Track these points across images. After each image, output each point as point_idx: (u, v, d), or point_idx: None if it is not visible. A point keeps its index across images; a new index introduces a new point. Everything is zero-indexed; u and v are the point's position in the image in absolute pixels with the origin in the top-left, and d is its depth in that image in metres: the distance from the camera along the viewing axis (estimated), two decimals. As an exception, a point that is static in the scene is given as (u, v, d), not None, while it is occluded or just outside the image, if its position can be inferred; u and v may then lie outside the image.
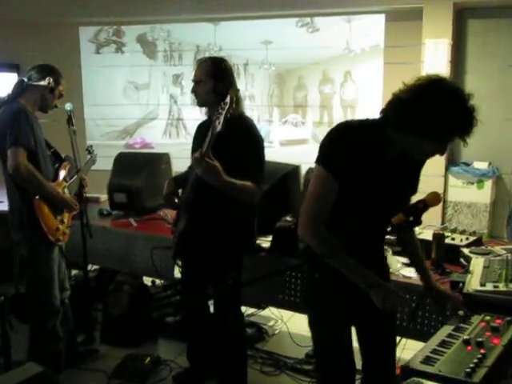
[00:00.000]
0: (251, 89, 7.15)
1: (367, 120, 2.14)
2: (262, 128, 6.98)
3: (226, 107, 2.62)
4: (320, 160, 2.09)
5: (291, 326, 4.13)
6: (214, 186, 2.79)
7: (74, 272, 4.69)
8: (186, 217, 3.10)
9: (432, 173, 2.26)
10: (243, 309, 3.59)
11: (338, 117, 6.69)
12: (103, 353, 3.97)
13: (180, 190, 3.31)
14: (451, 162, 6.60)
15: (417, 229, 3.29)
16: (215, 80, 3.03)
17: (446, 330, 2.20)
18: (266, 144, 3.16)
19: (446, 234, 3.29)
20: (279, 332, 4.29)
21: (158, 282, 4.69)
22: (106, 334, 4.12)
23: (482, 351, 1.97)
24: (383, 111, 2.03)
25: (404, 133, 1.95)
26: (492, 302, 2.35)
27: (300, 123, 6.98)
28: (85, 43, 7.72)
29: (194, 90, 3.13)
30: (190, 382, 3.54)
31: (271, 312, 4.30)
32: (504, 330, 2.11)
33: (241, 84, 7.14)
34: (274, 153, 6.23)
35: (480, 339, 2.03)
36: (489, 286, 2.48)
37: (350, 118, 6.60)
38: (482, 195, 6.40)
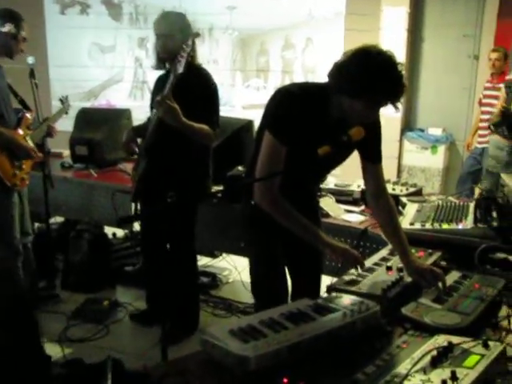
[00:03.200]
0: (215, 53, 7.26)
1: (311, 83, 2.32)
2: (225, 92, 7.12)
3: (189, 49, 2.81)
4: (268, 126, 2.23)
5: (245, 275, 4.31)
6: (173, 129, 3.03)
7: (36, 225, 4.79)
8: (146, 160, 3.28)
9: (387, 138, 2.41)
10: (198, 258, 3.77)
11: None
12: (63, 298, 4.13)
13: (139, 140, 3.47)
14: (407, 128, 6.82)
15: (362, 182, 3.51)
16: (182, 34, 3.18)
17: (373, 259, 2.42)
18: (228, 108, 3.38)
19: (389, 185, 3.50)
20: (233, 281, 4.49)
21: (119, 233, 4.85)
22: (66, 280, 4.27)
23: (401, 274, 2.20)
24: (328, 76, 2.18)
25: (340, 94, 2.11)
26: (419, 239, 2.58)
27: (262, 87, 7.13)
28: (49, 3, 7.73)
29: (160, 45, 3.24)
30: (146, 322, 3.73)
31: (226, 261, 4.50)
32: (424, 260, 2.34)
33: (205, 49, 7.23)
34: (236, 116, 6.35)
35: (401, 265, 2.25)
36: (417, 225, 2.71)
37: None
38: (436, 160, 6.66)
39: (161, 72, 3.44)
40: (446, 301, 1.98)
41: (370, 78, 2.01)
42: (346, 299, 1.89)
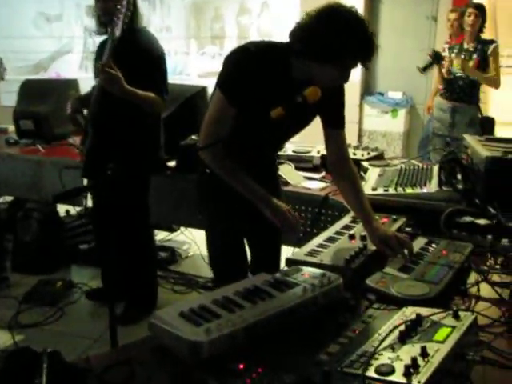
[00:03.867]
0: (167, 20, 7.01)
1: (271, 42, 2.13)
2: (180, 60, 6.91)
3: (123, 10, 2.61)
4: (220, 84, 2.08)
5: (205, 249, 4.15)
6: (117, 98, 2.84)
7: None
8: (92, 132, 3.08)
9: (347, 102, 2.27)
10: (155, 232, 3.63)
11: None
12: (14, 281, 3.94)
13: (86, 111, 3.26)
14: (366, 92, 6.72)
15: (322, 148, 3.39)
16: None
17: (335, 227, 2.29)
18: (184, 76, 3.18)
19: (350, 150, 3.37)
20: (192, 255, 4.36)
21: (72, 211, 4.64)
22: (16, 262, 4.07)
23: (365, 243, 2.08)
24: (290, 35, 2.01)
25: (307, 59, 1.95)
26: (382, 204, 2.46)
27: (218, 55, 6.92)
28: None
29: (99, 7, 3.01)
30: (103, 300, 3.57)
31: (185, 235, 4.35)
32: (388, 227, 2.22)
33: (156, 16, 7.00)
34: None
35: (364, 233, 2.13)
36: (380, 190, 2.60)
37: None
38: (396, 124, 6.59)
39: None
40: (412, 270, 1.87)
41: (342, 40, 1.87)
42: (306, 272, 1.76)
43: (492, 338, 1.55)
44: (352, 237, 2.14)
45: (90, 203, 3.96)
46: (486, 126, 4.77)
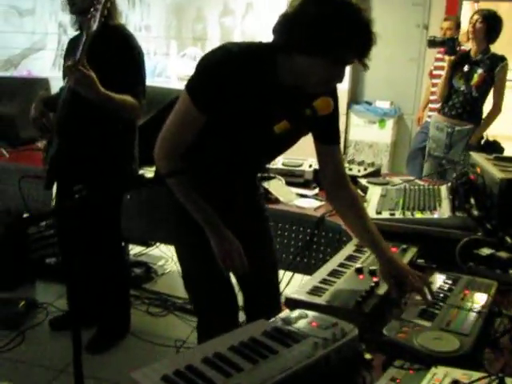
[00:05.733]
0: (147, 19, 6.70)
1: (255, 43, 1.80)
2: (159, 62, 6.60)
3: (102, 2, 2.29)
4: (189, 87, 1.75)
5: (183, 265, 3.88)
6: (87, 102, 2.50)
7: None
8: (58, 139, 2.73)
9: None
10: (130, 247, 3.31)
11: (240, 51, 6.38)
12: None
13: (51, 115, 2.91)
14: (353, 101, 6.49)
15: (314, 161, 3.12)
16: None
17: (338, 258, 2.01)
18: (163, 79, 2.85)
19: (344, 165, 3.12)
20: (169, 271, 4.03)
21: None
22: (-27, 278, 3.70)
23: (375, 279, 1.80)
24: (273, 32, 1.70)
25: (294, 53, 1.65)
26: (388, 230, 2.18)
27: (199, 57, 6.59)
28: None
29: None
30: (68, 327, 3.22)
31: (161, 251, 4.02)
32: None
33: (136, 14, 6.69)
34: (170, 87, 5.85)
35: (373, 267, 1.85)
36: (385, 214, 2.32)
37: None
38: (384, 135, 6.37)
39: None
40: (434, 316, 1.59)
41: (332, 24, 1.56)
42: (314, 320, 1.46)
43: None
44: (360, 271, 1.86)
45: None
46: (487, 151, 4.33)
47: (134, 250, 4.14)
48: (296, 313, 1.52)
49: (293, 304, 1.64)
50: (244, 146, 1.69)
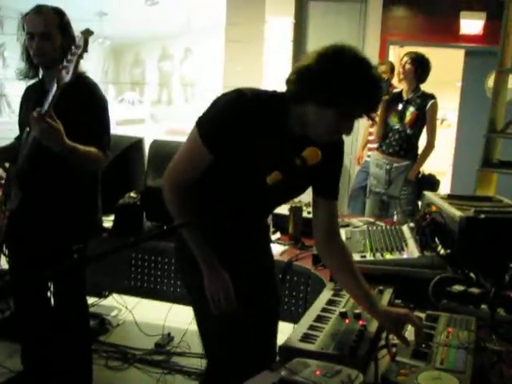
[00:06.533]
0: (84, 64, 6.54)
1: (267, 91, 1.85)
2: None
3: (80, 51, 2.23)
4: (199, 124, 1.78)
5: (137, 314, 3.77)
6: (52, 154, 2.41)
7: None
8: (19, 192, 2.62)
9: None
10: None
11: (177, 96, 6.40)
12: None
13: (7, 165, 2.81)
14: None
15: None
16: (63, 34, 2.60)
17: (319, 304, 2.02)
18: None
19: (303, 207, 3.16)
20: (124, 322, 3.89)
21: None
22: None
23: (361, 322, 1.82)
24: (287, 82, 1.76)
25: (305, 102, 1.71)
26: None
27: (137, 102, 6.59)
28: None
29: (36, 47, 2.58)
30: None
31: (114, 300, 3.88)
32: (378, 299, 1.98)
33: (72, 59, 6.58)
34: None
35: (357, 311, 1.88)
36: (356, 257, 2.35)
37: (189, 97, 6.36)
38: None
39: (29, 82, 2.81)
40: (426, 355, 1.62)
41: (345, 80, 1.63)
42: (317, 368, 1.47)
43: None
44: (344, 315, 1.88)
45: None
46: (424, 185, 4.49)
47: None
48: (296, 362, 1.52)
49: (288, 352, 1.64)
50: (242, 195, 1.70)
